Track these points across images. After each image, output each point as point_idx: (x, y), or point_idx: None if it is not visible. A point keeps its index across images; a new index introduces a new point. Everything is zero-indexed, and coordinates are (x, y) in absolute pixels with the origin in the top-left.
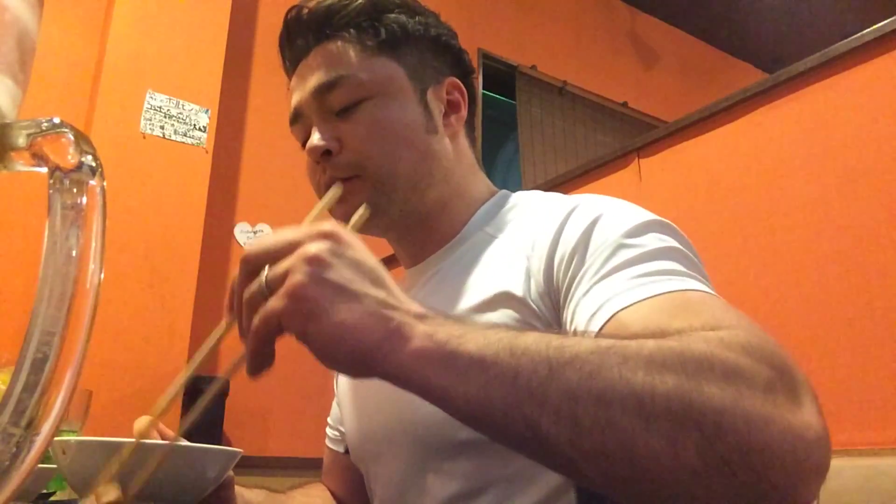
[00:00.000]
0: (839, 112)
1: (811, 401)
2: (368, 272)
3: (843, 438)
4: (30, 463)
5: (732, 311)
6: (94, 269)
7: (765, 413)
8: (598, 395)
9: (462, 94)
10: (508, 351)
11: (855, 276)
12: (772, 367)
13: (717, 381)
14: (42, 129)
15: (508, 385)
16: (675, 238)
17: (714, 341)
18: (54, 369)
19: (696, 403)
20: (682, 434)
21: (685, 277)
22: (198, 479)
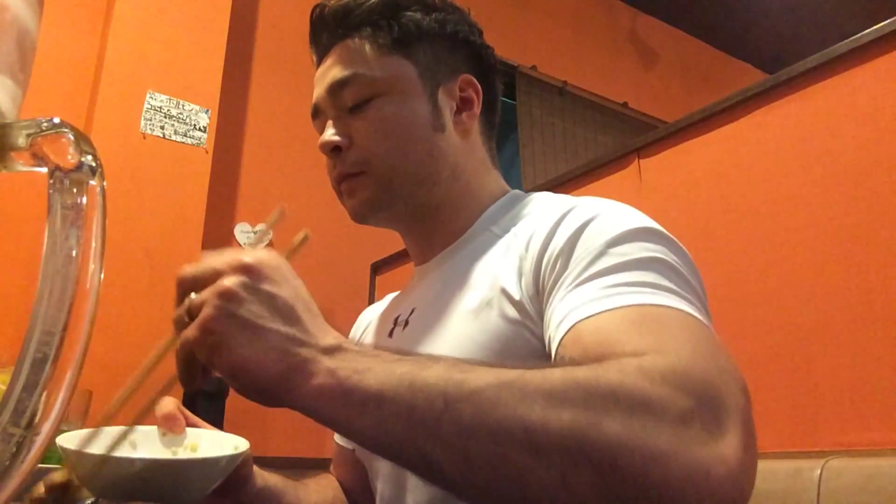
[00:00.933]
0: (839, 112)
1: (736, 433)
2: (281, 307)
3: (843, 438)
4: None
5: (688, 331)
6: (94, 269)
7: (667, 448)
8: (490, 430)
9: (476, 91)
10: (408, 385)
11: (855, 276)
12: (691, 397)
13: (620, 414)
14: (42, 129)
15: (403, 420)
16: (665, 248)
17: (631, 371)
18: (54, 369)
19: (590, 438)
20: (576, 470)
21: (657, 291)
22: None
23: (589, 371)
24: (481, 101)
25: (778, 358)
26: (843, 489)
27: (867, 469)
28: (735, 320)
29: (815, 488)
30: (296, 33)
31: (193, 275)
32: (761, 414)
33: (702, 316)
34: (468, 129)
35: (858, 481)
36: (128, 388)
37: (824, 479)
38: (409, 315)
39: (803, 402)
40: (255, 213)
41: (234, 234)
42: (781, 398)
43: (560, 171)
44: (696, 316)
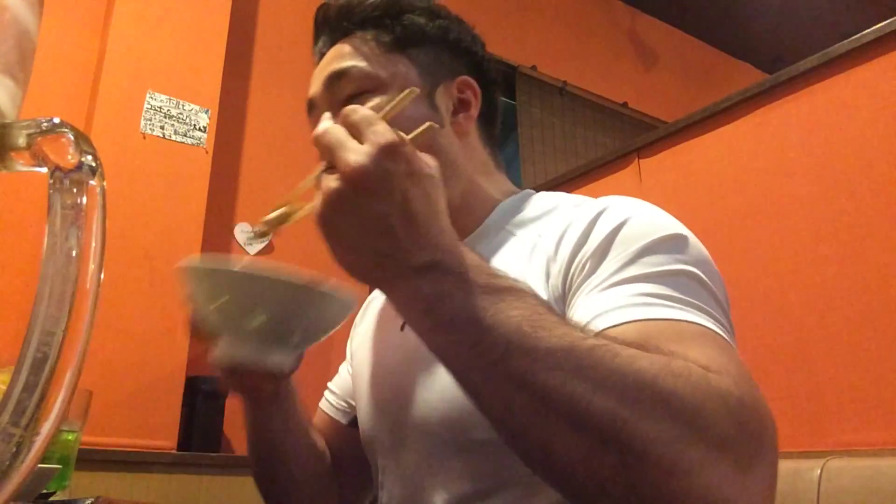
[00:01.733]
0: (839, 112)
1: (764, 470)
2: (376, 223)
3: (843, 439)
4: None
5: (727, 353)
6: (94, 269)
7: (696, 464)
8: (536, 390)
9: (475, 93)
10: (479, 322)
11: (855, 276)
12: (737, 424)
13: (665, 416)
14: (42, 129)
15: (465, 351)
16: (694, 259)
17: (695, 379)
18: (54, 369)
19: (628, 428)
20: (603, 451)
21: (688, 308)
22: (322, 324)
23: (657, 361)
24: (479, 105)
25: (778, 358)
26: (843, 489)
27: (867, 469)
28: (735, 320)
29: (815, 488)
30: (296, 33)
31: (324, 146)
32: None
33: (729, 338)
34: (465, 130)
35: (858, 481)
36: (280, 210)
37: (824, 479)
38: None
39: (803, 402)
40: (254, 213)
41: (234, 234)
42: (781, 398)
43: (560, 171)
44: (727, 339)
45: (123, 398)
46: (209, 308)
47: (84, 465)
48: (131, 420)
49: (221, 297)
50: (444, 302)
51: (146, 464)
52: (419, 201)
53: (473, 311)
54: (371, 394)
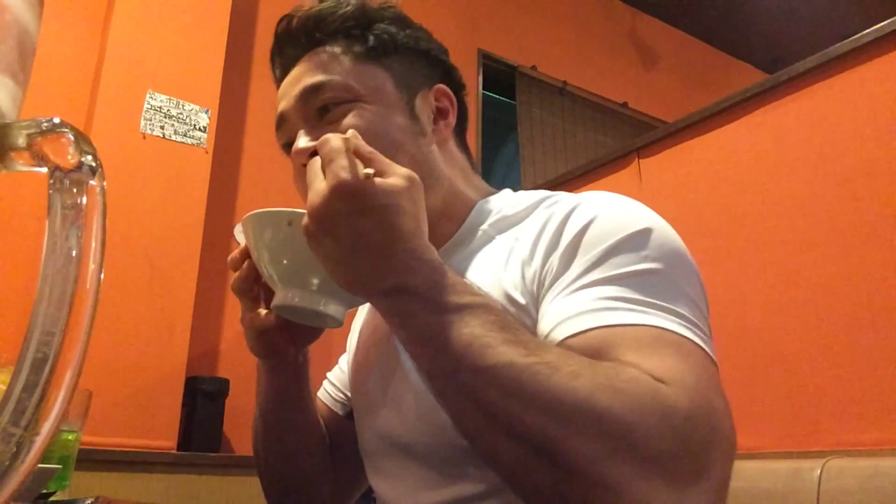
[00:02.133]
0: (839, 112)
1: (706, 488)
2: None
3: (843, 439)
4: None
5: (687, 359)
6: (94, 269)
7: (624, 481)
8: (481, 404)
9: (451, 101)
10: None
11: (855, 276)
12: (676, 441)
13: (596, 434)
14: (42, 129)
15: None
16: (665, 254)
17: (635, 392)
18: (54, 369)
19: (559, 444)
20: (537, 463)
21: (652, 311)
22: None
23: (600, 376)
24: (456, 111)
25: (778, 358)
26: (843, 489)
27: (867, 469)
28: (735, 320)
29: (815, 488)
30: None
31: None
32: (761, 414)
33: (700, 339)
34: (445, 137)
35: (858, 481)
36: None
37: (824, 479)
38: None
39: (803, 402)
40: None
41: (233, 234)
42: (781, 398)
43: (560, 171)
44: (695, 341)
45: (123, 398)
46: (272, 257)
47: (84, 465)
48: (131, 420)
49: (289, 246)
50: (410, 319)
51: (146, 464)
52: (375, 234)
53: (432, 329)
54: (366, 392)
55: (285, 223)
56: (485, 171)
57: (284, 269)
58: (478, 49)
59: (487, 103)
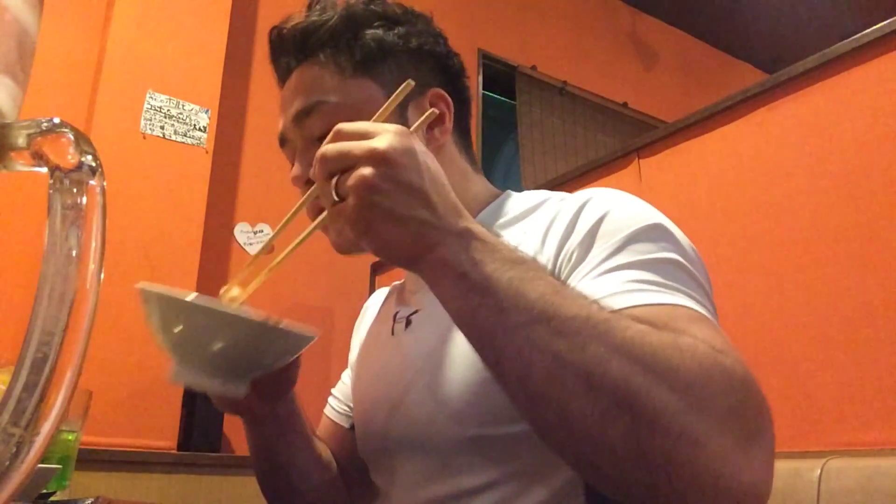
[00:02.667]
0: (839, 112)
1: (766, 446)
2: (417, 194)
3: (843, 438)
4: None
5: (722, 336)
6: (94, 269)
7: (703, 436)
8: (557, 353)
9: (447, 105)
10: (507, 289)
11: (854, 277)
12: (740, 401)
13: (676, 386)
14: (42, 129)
15: (493, 316)
16: (677, 247)
17: (702, 353)
18: (54, 369)
19: (641, 395)
20: (616, 415)
21: (679, 294)
22: (272, 356)
23: (665, 337)
24: (453, 115)
25: (778, 358)
26: (843, 489)
27: (867, 469)
28: (735, 320)
29: (815, 488)
30: None
31: (335, 156)
32: None
33: (715, 320)
34: (441, 144)
35: (858, 481)
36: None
37: (824, 479)
38: (412, 314)
39: (803, 402)
40: (254, 213)
41: (233, 234)
42: (781, 398)
43: (560, 171)
44: (716, 322)
45: (123, 398)
46: (164, 334)
47: (84, 465)
48: (131, 420)
49: (176, 325)
50: (479, 267)
51: (146, 464)
52: (440, 174)
53: (504, 277)
54: (366, 399)
55: (162, 300)
56: (485, 171)
57: (171, 346)
58: (478, 49)
59: (487, 103)
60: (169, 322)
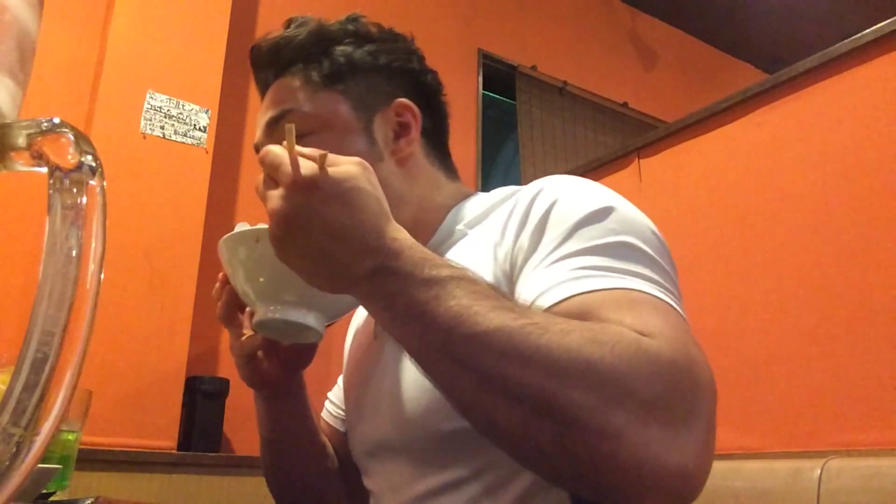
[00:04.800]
0: (839, 112)
1: (698, 429)
2: (312, 250)
3: (843, 439)
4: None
5: (664, 316)
6: (94, 269)
7: (624, 427)
8: (475, 370)
9: (414, 115)
10: (423, 315)
11: (855, 276)
12: (666, 386)
13: (592, 384)
14: (42, 129)
15: (416, 342)
16: (630, 228)
17: (624, 345)
18: (54, 369)
19: (558, 399)
20: (539, 422)
21: (628, 276)
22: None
23: (587, 333)
24: (420, 124)
25: (778, 358)
26: (843, 489)
27: (867, 469)
28: (735, 320)
29: (815, 488)
30: None
31: (269, 161)
32: (761, 414)
33: (673, 301)
34: (407, 155)
35: (858, 481)
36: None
37: (824, 479)
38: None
39: (803, 402)
40: (254, 213)
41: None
42: (781, 398)
43: (560, 171)
44: (669, 302)
45: (123, 398)
46: (250, 277)
47: (84, 465)
48: (131, 420)
49: (264, 264)
50: (394, 300)
51: (146, 464)
52: (343, 219)
53: (419, 304)
54: (353, 403)
55: (254, 241)
56: (485, 171)
57: (261, 286)
58: (478, 49)
59: (487, 103)
60: (251, 261)
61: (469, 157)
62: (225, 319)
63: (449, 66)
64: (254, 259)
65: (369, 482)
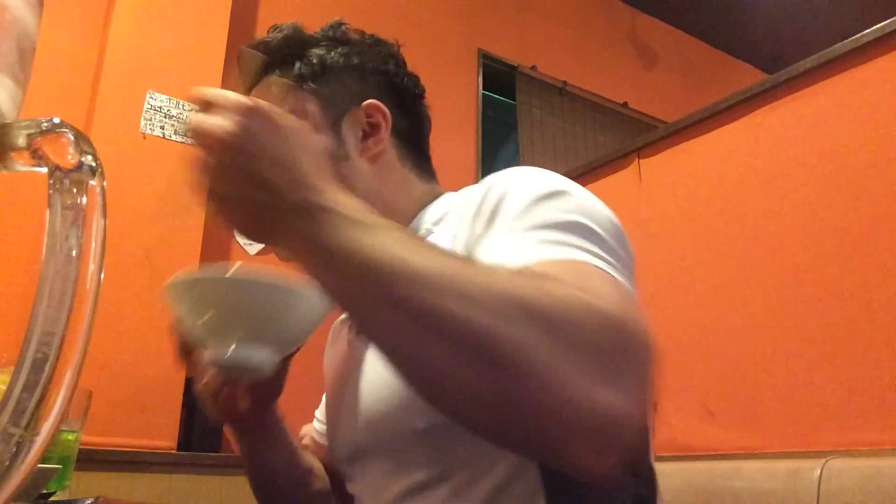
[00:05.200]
0: (839, 112)
1: (632, 385)
2: (252, 175)
3: (843, 439)
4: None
5: (616, 288)
6: (94, 269)
7: (562, 373)
8: (414, 310)
9: (384, 116)
10: (357, 252)
11: (854, 277)
12: (606, 339)
13: (536, 329)
14: (42, 129)
15: (350, 286)
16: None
17: (568, 296)
18: (54, 369)
19: (499, 340)
20: (476, 363)
21: (576, 249)
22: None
23: (528, 283)
24: (390, 125)
25: (778, 358)
26: (843, 489)
27: (867, 469)
28: (735, 320)
29: (815, 488)
30: None
31: (193, 131)
32: (761, 414)
33: (624, 279)
34: (376, 153)
35: (858, 481)
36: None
37: (824, 479)
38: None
39: (803, 402)
40: None
41: (233, 234)
42: (781, 398)
43: (560, 171)
44: (620, 280)
45: (123, 398)
46: (196, 320)
47: (84, 465)
48: (131, 420)
49: (207, 306)
50: (324, 237)
51: (146, 464)
52: (285, 150)
53: (351, 242)
54: (332, 410)
55: (194, 283)
56: (485, 172)
57: (207, 327)
58: (478, 49)
59: (487, 103)
60: (199, 305)
61: (469, 157)
62: (181, 363)
63: (449, 66)
64: (196, 300)
65: (352, 487)
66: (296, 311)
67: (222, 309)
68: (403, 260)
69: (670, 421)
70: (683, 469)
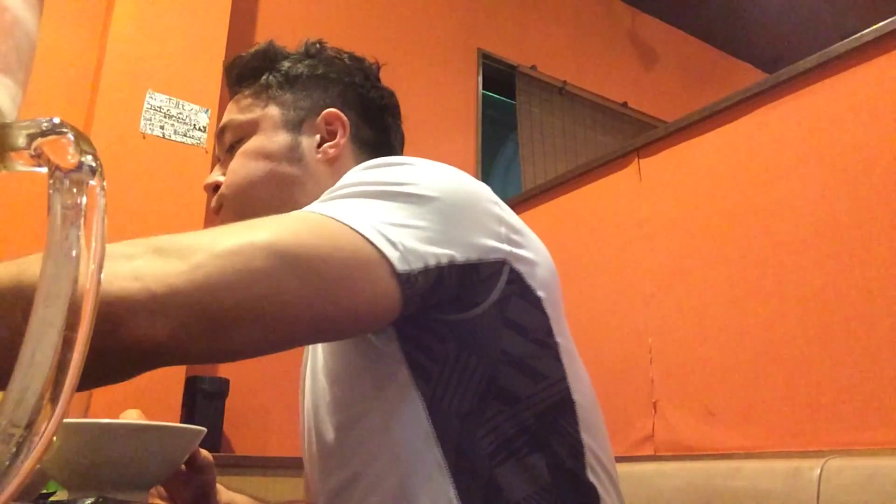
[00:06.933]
0: (839, 112)
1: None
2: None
3: (843, 439)
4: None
5: (299, 223)
6: (94, 269)
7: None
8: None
9: (343, 124)
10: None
11: (855, 276)
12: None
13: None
14: (42, 129)
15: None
16: (375, 178)
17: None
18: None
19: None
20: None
21: (319, 205)
22: (157, 458)
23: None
24: (348, 132)
25: (778, 358)
26: (843, 489)
27: (867, 469)
28: (735, 319)
29: (815, 488)
30: (295, 34)
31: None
32: (761, 414)
33: (384, 243)
34: (333, 156)
35: (858, 481)
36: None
37: (824, 479)
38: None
39: (803, 402)
40: None
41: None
42: (781, 398)
43: (560, 171)
44: (369, 237)
45: (123, 398)
46: (58, 462)
47: None
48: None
49: (67, 449)
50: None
51: None
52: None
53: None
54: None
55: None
56: (485, 171)
57: (69, 475)
58: (478, 49)
59: (487, 103)
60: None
61: (469, 157)
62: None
63: (449, 66)
64: (60, 452)
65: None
66: (162, 447)
67: (85, 452)
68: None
69: (670, 421)
70: (683, 469)
